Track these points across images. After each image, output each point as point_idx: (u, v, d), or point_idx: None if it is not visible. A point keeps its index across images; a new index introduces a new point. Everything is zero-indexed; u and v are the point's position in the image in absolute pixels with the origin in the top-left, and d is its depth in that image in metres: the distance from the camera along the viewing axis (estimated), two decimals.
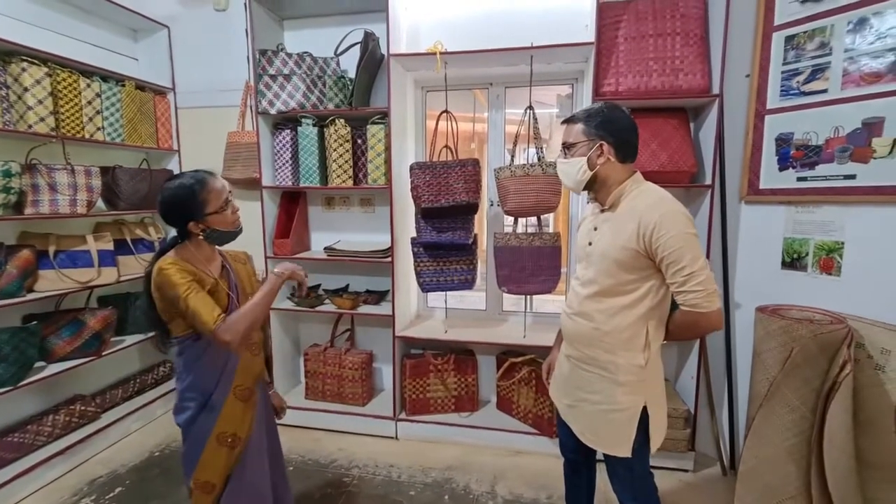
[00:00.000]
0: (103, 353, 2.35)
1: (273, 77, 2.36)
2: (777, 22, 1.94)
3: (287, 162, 2.48)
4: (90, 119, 2.32)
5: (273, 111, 2.37)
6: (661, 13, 2.07)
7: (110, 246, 2.41)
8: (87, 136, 2.30)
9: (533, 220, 2.34)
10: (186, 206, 1.25)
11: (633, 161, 1.29)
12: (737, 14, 1.96)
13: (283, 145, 2.47)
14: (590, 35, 2.07)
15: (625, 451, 1.28)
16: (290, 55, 2.36)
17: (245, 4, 2.38)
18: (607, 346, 1.27)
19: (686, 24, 2.04)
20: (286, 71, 2.35)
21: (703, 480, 2.14)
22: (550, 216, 3.12)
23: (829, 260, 1.84)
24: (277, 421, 1.57)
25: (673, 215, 1.17)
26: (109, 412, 2.51)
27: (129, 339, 2.57)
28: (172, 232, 2.81)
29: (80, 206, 2.22)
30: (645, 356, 1.25)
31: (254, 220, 2.53)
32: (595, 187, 1.31)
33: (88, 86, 2.30)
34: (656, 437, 1.31)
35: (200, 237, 1.29)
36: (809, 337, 1.60)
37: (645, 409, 1.27)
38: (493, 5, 2.36)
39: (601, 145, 1.24)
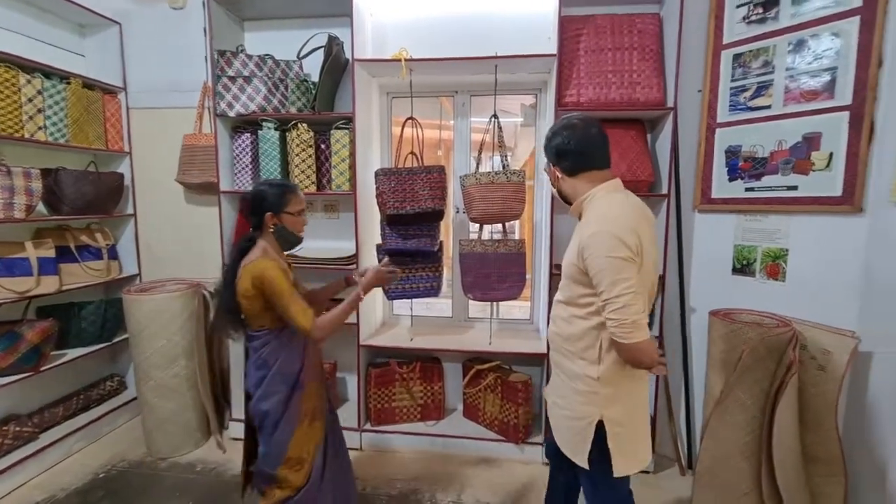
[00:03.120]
0: (42, 369, 2.19)
1: (232, 79, 2.28)
2: (726, 41, 2.05)
3: (247, 166, 2.40)
4: (30, 118, 2.17)
5: (232, 113, 2.30)
6: (618, 28, 2.14)
7: (52, 253, 2.25)
8: (26, 135, 2.15)
9: (498, 227, 2.36)
10: (273, 199, 1.47)
11: (587, 170, 1.28)
12: (689, 32, 2.06)
13: (243, 149, 2.39)
14: (552, 47, 2.12)
15: (581, 460, 1.28)
16: (250, 57, 2.29)
17: (203, 3, 2.30)
18: (566, 353, 1.31)
19: (642, 40, 2.12)
20: (246, 73, 2.28)
21: (662, 481, 2.20)
22: (516, 223, 3.16)
23: (775, 266, 1.94)
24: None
25: (599, 236, 1.14)
26: (49, 432, 2.33)
27: (73, 353, 2.41)
28: (124, 238, 2.71)
29: (17, 210, 2.07)
30: (599, 369, 1.23)
31: (211, 225, 2.44)
32: (570, 201, 1.34)
33: (29, 82, 2.15)
34: (620, 462, 1.23)
35: (271, 230, 1.48)
36: (758, 340, 1.67)
37: (602, 423, 1.24)
38: (459, 14, 2.38)
39: (550, 167, 1.34)
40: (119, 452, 2.39)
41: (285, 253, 1.58)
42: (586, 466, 1.27)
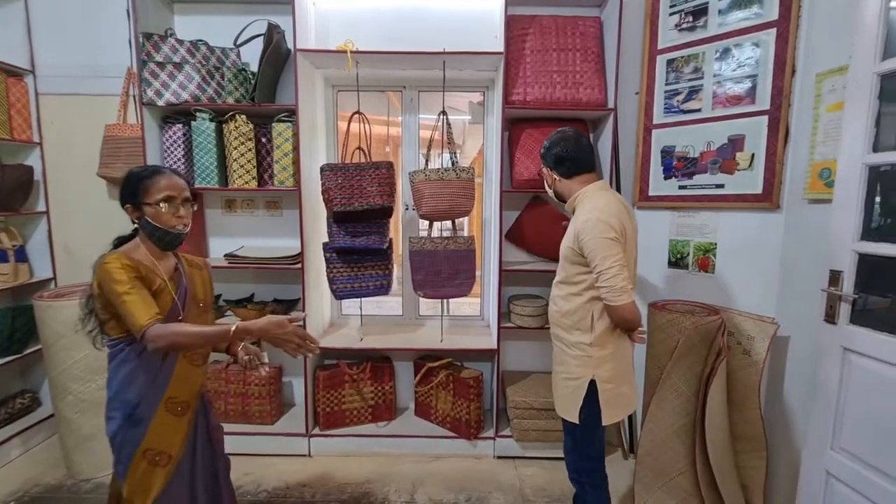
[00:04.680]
0: None
1: (161, 65, 2.11)
2: (660, 46, 2.15)
3: (179, 160, 2.23)
4: None
5: (161, 102, 2.12)
6: (562, 29, 2.20)
7: None
8: None
9: (448, 223, 2.36)
10: (130, 188, 1.25)
11: (580, 174, 1.53)
12: (627, 36, 2.15)
13: (175, 141, 2.22)
14: (499, 45, 2.14)
15: (573, 416, 1.51)
16: (181, 42, 2.13)
17: None
18: (564, 325, 1.53)
19: (585, 42, 2.19)
20: (176, 59, 2.12)
21: (607, 465, 2.29)
22: (465, 220, 3.17)
23: (706, 259, 2.08)
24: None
25: (592, 223, 1.39)
26: None
27: None
28: (35, 238, 2.44)
29: None
30: (591, 336, 1.47)
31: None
32: (564, 200, 1.59)
33: None
34: (608, 411, 1.48)
35: (134, 224, 1.28)
36: (692, 328, 1.78)
37: (594, 382, 1.46)
38: (405, 8, 2.34)
39: (548, 171, 1.58)
40: (33, 477, 2.15)
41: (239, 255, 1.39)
42: (576, 421, 1.50)
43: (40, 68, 2.41)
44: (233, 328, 1.16)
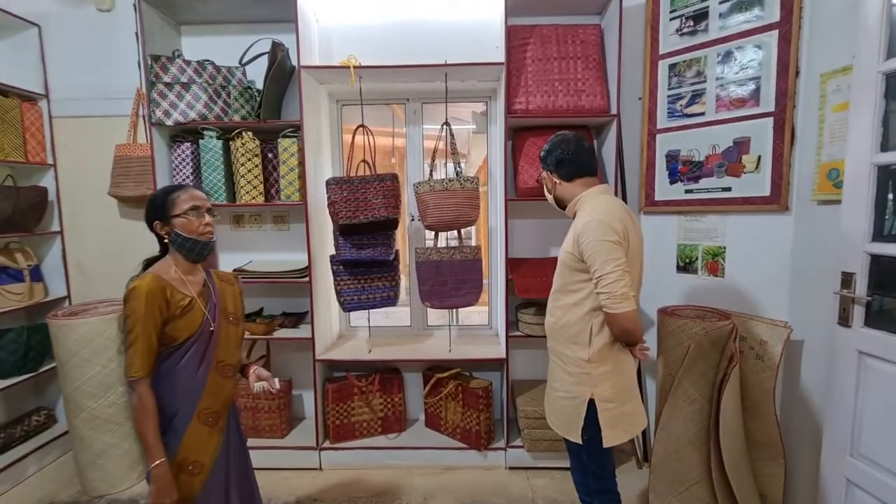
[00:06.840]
0: None
1: (169, 85, 2.16)
2: (662, 51, 2.15)
3: (188, 177, 2.27)
4: None
5: (169, 122, 2.17)
6: (563, 38, 2.21)
7: None
8: None
9: (454, 233, 2.36)
10: (157, 206, 1.31)
11: (582, 176, 1.48)
12: (628, 42, 2.15)
13: (183, 159, 2.26)
14: (500, 55, 2.15)
15: (575, 436, 1.43)
16: (188, 62, 2.18)
17: (134, 5, 2.17)
18: (561, 339, 1.46)
19: (586, 49, 2.20)
20: (184, 79, 2.16)
21: (620, 475, 2.22)
22: (472, 229, 3.17)
23: (715, 263, 2.05)
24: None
25: (593, 224, 1.32)
26: None
27: None
28: (50, 258, 2.49)
29: None
30: (589, 351, 1.38)
31: (150, 241, 2.28)
32: (564, 205, 1.54)
33: None
34: (610, 433, 1.39)
35: (165, 240, 1.32)
36: (703, 334, 1.75)
37: (593, 401, 1.38)
38: (407, 21, 2.38)
39: (548, 174, 1.53)
40: (48, 494, 2.17)
41: (229, 269, 1.45)
42: (579, 441, 1.42)
43: (54, 92, 2.48)
44: (155, 464, 1.20)
